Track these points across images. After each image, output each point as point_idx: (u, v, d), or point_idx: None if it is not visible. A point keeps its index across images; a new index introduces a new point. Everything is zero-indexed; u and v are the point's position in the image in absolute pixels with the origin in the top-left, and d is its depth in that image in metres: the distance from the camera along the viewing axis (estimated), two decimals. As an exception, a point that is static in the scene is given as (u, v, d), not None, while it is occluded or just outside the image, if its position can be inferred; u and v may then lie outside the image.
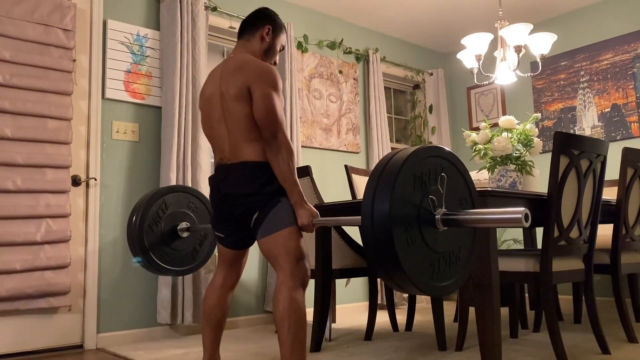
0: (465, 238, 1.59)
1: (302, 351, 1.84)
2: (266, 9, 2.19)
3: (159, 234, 2.56)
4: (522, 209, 1.37)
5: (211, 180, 2.09)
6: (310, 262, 2.76)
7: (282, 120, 1.94)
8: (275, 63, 2.19)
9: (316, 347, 2.70)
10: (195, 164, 3.39)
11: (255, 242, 2.04)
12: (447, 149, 1.60)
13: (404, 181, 1.45)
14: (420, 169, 1.50)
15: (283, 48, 2.23)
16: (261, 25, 2.13)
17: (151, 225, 2.55)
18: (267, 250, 1.95)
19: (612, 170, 3.49)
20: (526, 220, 1.36)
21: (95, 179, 3.11)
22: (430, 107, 5.14)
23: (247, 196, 1.96)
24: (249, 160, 1.96)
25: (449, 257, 1.52)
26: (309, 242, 2.85)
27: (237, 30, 3.87)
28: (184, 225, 2.62)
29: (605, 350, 2.44)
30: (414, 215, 1.46)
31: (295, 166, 1.97)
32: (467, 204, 1.61)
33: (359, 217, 1.59)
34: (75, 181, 3.06)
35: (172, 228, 2.61)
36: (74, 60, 3.07)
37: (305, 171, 3.04)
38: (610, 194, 3.50)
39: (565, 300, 4.22)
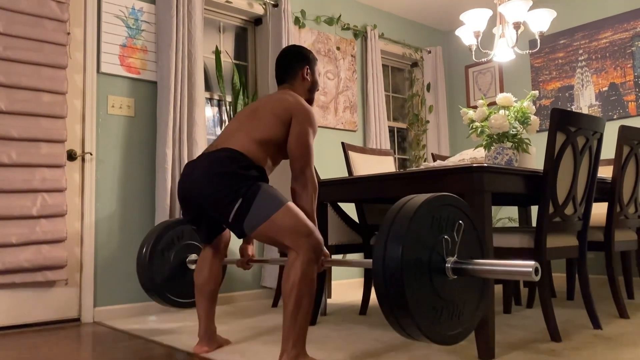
0: (470, 295, 1.59)
1: (304, 325, 1.85)
2: (294, 47, 2.27)
3: (168, 263, 2.58)
4: (532, 262, 1.38)
5: (185, 166, 2.05)
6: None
7: (312, 158, 2.04)
8: (318, 89, 2.31)
9: (311, 320, 2.72)
10: (191, 140, 3.38)
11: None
12: (467, 203, 1.62)
13: (422, 218, 1.47)
14: (439, 213, 1.52)
15: (320, 74, 2.33)
16: (299, 68, 2.21)
17: (164, 250, 2.58)
18: (268, 237, 1.90)
19: (608, 150, 3.50)
20: (536, 274, 1.37)
21: (91, 154, 3.10)
22: (428, 86, 5.11)
23: (221, 176, 1.88)
24: (234, 148, 1.95)
25: (452, 309, 1.52)
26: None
27: (232, 5, 3.83)
28: (193, 257, 2.64)
29: (597, 325, 2.47)
30: (426, 257, 1.47)
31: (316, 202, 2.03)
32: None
33: (369, 260, 1.59)
34: (71, 156, 3.05)
35: (182, 260, 2.63)
36: (68, 34, 3.03)
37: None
38: (606, 173, 3.51)
39: (559, 278, 4.26)
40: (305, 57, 2.23)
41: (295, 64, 2.21)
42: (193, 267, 2.63)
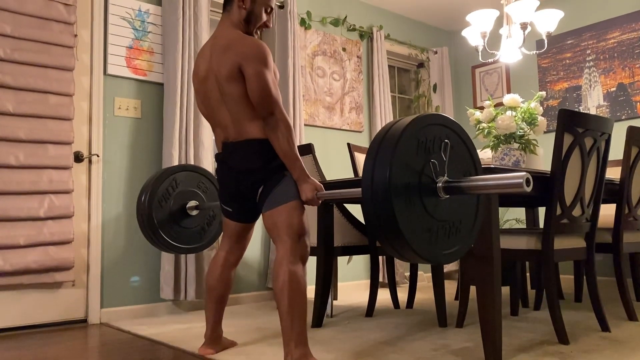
0: (467, 211, 1.59)
1: (302, 324, 1.86)
2: None
3: (167, 210, 2.58)
4: (523, 173, 1.37)
5: (217, 156, 2.12)
6: (312, 240, 2.77)
7: (277, 96, 1.92)
8: (266, 25, 2.10)
9: (318, 322, 2.72)
10: (197, 142, 3.38)
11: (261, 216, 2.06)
12: (454, 120, 1.58)
13: (406, 144, 1.44)
14: (424, 135, 1.49)
15: (271, 10, 2.09)
16: None
17: (160, 201, 2.57)
18: (271, 224, 1.96)
19: (616, 151, 3.47)
20: (527, 185, 1.36)
21: (98, 156, 3.11)
22: (435, 86, 5.10)
23: (253, 172, 1.98)
24: (254, 138, 1.98)
25: (448, 227, 1.52)
26: (311, 219, 2.85)
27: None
28: (193, 203, 2.64)
29: (605, 327, 2.45)
30: (415, 181, 1.46)
31: (295, 141, 1.96)
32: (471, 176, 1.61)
33: (358, 189, 1.58)
34: (78, 157, 3.06)
35: (182, 206, 2.63)
36: (75, 36, 3.05)
37: (308, 149, 3.03)
38: (614, 174, 3.49)
39: (567, 279, 4.23)
40: None
41: None
42: (194, 213, 2.64)
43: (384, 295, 3.69)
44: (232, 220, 2.17)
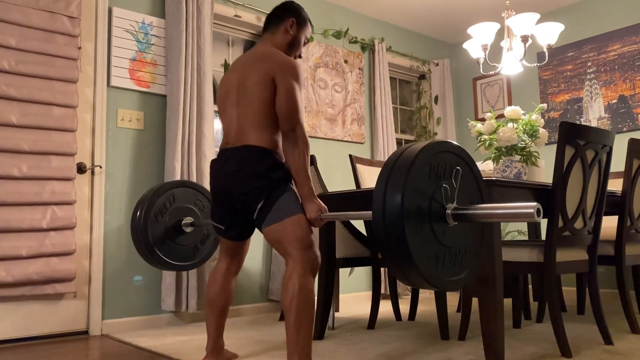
0: (472, 240, 1.58)
1: (308, 337, 1.85)
2: (291, 2, 2.21)
3: (163, 225, 2.57)
4: (534, 203, 1.36)
5: (213, 163, 2.10)
6: (314, 251, 2.78)
7: (302, 114, 1.98)
8: (300, 56, 2.22)
9: (319, 335, 2.71)
10: (200, 154, 3.39)
11: (257, 231, 2.05)
12: (464, 149, 1.60)
13: (419, 168, 1.45)
14: (436, 161, 1.50)
15: (308, 41, 2.24)
16: (285, 17, 2.14)
17: (157, 214, 2.56)
18: (275, 239, 1.95)
19: (618, 162, 3.48)
20: (538, 215, 1.35)
21: (101, 167, 3.13)
22: (436, 98, 5.12)
23: (251, 178, 1.94)
24: (254, 145, 1.97)
25: (454, 254, 1.51)
26: (313, 231, 2.85)
27: (241, 19, 3.87)
28: (188, 220, 2.62)
29: (608, 341, 2.44)
30: (425, 205, 1.45)
31: (308, 159, 1.99)
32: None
33: (369, 212, 1.58)
34: (81, 169, 3.07)
35: (177, 222, 2.60)
36: (80, 48, 3.07)
37: (310, 160, 3.04)
38: (616, 185, 3.49)
39: (569, 292, 4.22)
40: (294, 11, 2.16)
41: (283, 14, 2.15)
42: (189, 230, 2.63)
43: (386, 307, 3.68)
44: (225, 238, 2.17)
